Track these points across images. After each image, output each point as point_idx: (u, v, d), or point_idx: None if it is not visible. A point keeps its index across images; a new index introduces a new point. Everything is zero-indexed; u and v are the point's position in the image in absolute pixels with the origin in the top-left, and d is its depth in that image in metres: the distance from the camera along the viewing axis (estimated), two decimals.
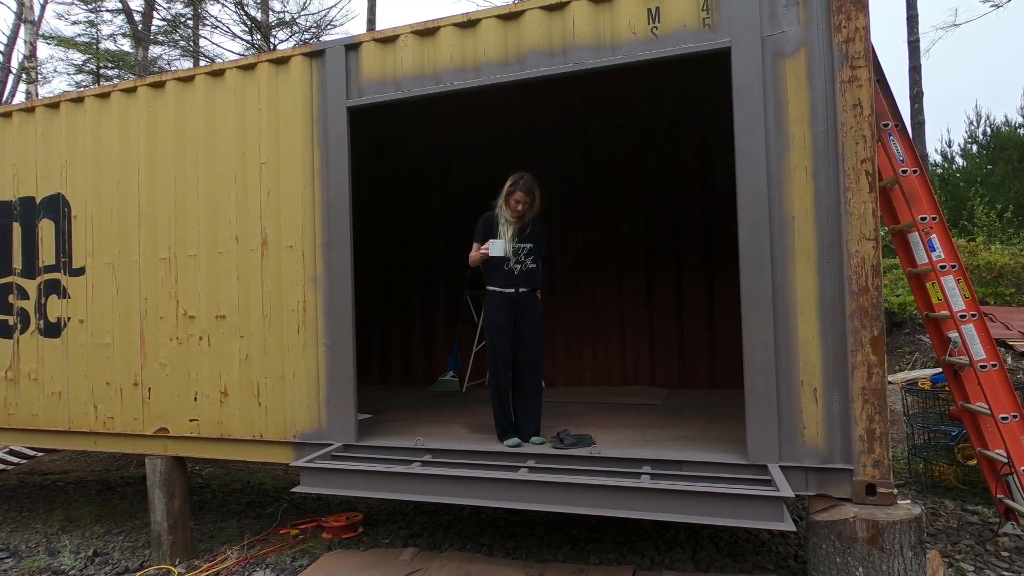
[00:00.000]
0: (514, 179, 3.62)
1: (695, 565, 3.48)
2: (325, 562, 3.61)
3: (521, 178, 3.61)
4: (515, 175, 3.64)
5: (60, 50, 15.32)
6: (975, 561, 3.37)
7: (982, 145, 15.63)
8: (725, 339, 5.50)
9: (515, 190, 3.58)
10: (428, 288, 6.81)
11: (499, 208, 3.65)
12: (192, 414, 4.02)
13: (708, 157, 5.69)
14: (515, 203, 3.60)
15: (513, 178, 3.63)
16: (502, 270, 3.64)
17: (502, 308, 3.63)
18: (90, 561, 4.15)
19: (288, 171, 3.80)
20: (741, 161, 2.97)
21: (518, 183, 3.59)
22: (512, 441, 3.53)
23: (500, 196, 3.65)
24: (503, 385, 3.64)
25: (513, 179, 3.62)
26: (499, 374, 3.65)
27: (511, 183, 3.61)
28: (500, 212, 3.65)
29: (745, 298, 2.97)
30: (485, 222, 3.69)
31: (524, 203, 3.60)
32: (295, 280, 3.78)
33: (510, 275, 3.64)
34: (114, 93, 4.26)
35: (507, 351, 3.61)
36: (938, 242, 3.31)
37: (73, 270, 4.36)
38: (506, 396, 3.63)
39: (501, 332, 3.62)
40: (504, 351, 3.61)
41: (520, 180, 3.60)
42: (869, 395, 2.78)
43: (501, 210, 3.64)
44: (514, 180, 3.61)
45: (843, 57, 2.84)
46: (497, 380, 3.66)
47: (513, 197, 3.59)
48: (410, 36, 3.58)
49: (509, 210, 3.62)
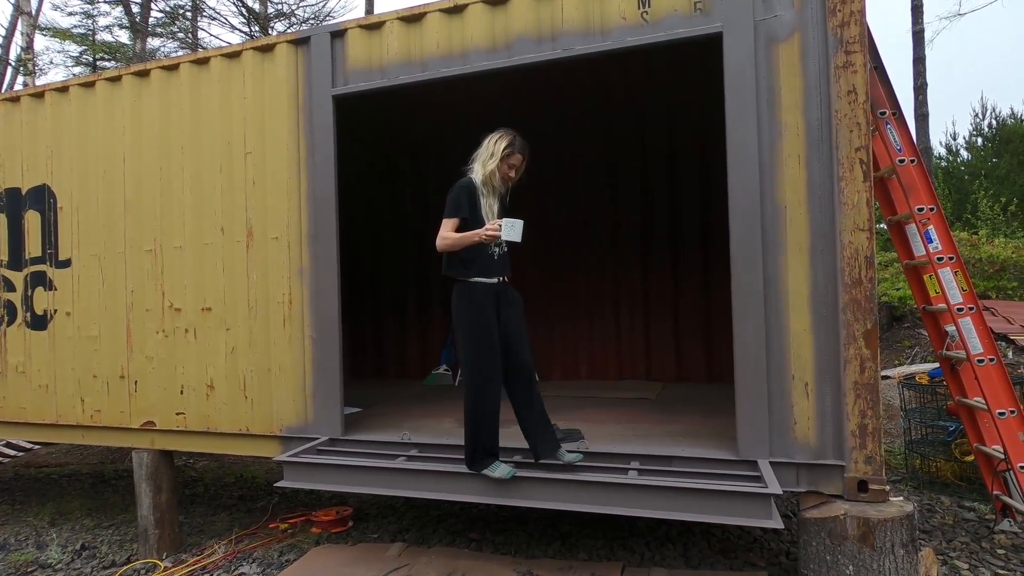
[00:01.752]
0: (509, 138, 2.93)
1: (686, 562, 3.43)
2: (312, 556, 3.58)
3: (515, 136, 2.96)
4: (506, 132, 2.96)
5: (56, 42, 15.26)
6: (970, 559, 3.31)
7: (987, 138, 15.47)
8: (721, 332, 5.43)
9: (512, 151, 2.92)
10: (422, 281, 6.75)
11: (481, 175, 2.95)
12: (179, 407, 3.98)
13: (706, 148, 5.60)
14: (508, 168, 2.95)
15: (507, 136, 2.94)
16: (485, 256, 2.94)
17: (489, 302, 2.91)
18: (77, 555, 4.12)
19: (273, 161, 3.74)
20: (733, 150, 2.90)
21: (515, 143, 2.93)
22: (508, 472, 2.88)
23: (483, 160, 2.95)
24: (496, 402, 2.91)
25: (508, 137, 2.93)
26: (492, 387, 2.90)
27: (507, 143, 2.91)
28: (482, 180, 2.96)
29: (736, 290, 2.90)
30: (468, 193, 2.92)
31: (518, 168, 2.99)
32: (281, 272, 3.72)
33: (491, 261, 2.95)
34: (99, 82, 4.19)
35: (498, 356, 2.90)
36: (935, 234, 3.24)
37: (59, 262, 4.32)
38: (497, 414, 2.93)
39: (490, 332, 2.88)
40: (496, 356, 2.89)
41: (515, 139, 2.95)
42: (862, 390, 2.71)
43: (487, 177, 2.94)
44: (510, 139, 2.93)
45: (838, 42, 2.76)
46: (487, 396, 2.89)
47: (508, 161, 2.93)
48: (396, 22, 3.50)
49: (499, 177, 2.95)
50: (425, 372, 6.38)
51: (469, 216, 2.90)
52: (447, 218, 2.90)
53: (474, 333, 2.90)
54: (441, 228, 2.90)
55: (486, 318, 2.90)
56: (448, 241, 2.88)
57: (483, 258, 2.94)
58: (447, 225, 2.89)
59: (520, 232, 2.78)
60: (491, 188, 2.98)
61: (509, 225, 2.77)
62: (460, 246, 2.88)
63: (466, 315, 2.92)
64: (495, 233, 2.78)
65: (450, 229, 2.89)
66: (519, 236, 2.79)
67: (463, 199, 2.91)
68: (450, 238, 2.88)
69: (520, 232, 2.78)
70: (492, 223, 2.83)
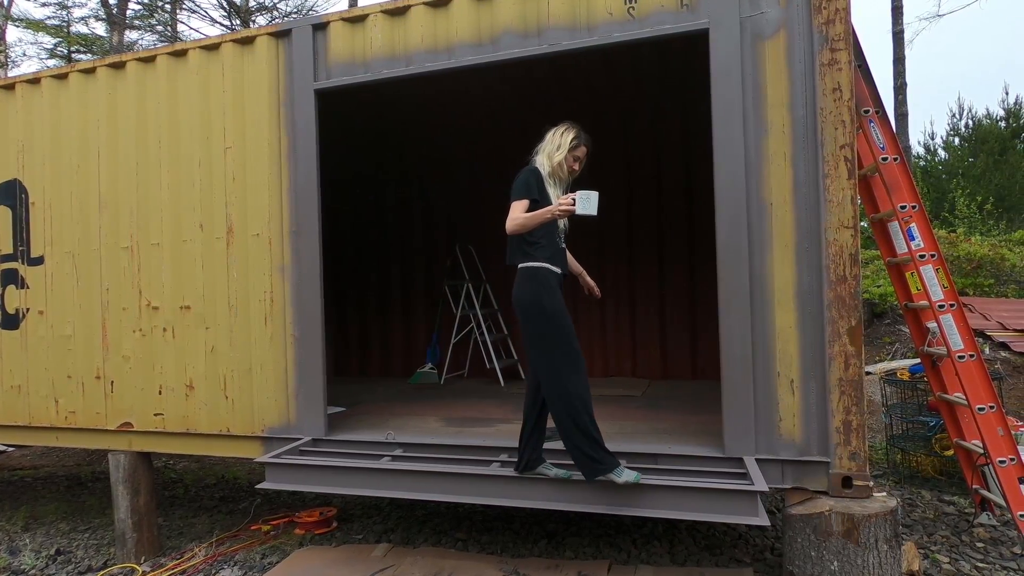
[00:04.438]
0: (575, 130, 2.84)
1: (672, 559, 3.44)
2: (295, 559, 3.52)
3: (580, 129, 2.86)
4: (571, 125, 2.86)
5: (30, 33, 14.88)
6: (951, 552, 3.36)
7: (964, 138, 15.76)
8: (707, 329, 5.45)
9: (579, 143, 2.83)
10: (407, 279, 6.69)
11: (548, 167, 2.83)
12: (157, 408, 3.88)
13: (691, 146, 5.61)
14: (573, 161, 2.85)
15: (573, 129, 2.85)
16: (555, 244, 2.80)
17: (560, 293, 2.76)
18: (52, 560, 4.01)
19: (254, 156, 3.66)
20: (719, 147, 2.89)
21: (581, 136, 2.85)
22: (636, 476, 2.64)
23: (549, 152, 2.84)
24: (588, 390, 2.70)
25: (574, 130, 2.84)
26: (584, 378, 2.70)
27: (573, 135, 2.82)
28: (549, 172, 2.83)
29: (722, 287, 2.90)
30: (537, 177, 2.79)
31: (582, 160, 2.89)
32: (262, 269, 3.65)
33: (560, 252, 2.84)
34: (72, 74, 4.07)
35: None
36: (918, 231, 3.27)
37: (31, 259, 4.19)
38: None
39: (569, 319, 2.73)
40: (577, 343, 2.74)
41: (580, 131, 2.85)
42: (846, 386, 2.73)
43: (555, 169, 2.82)
44: (576, 132, 2.84)
45: (823, 39, 2.76)
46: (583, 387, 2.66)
47: (574, 153, 2.83)
48: (380, 16, 3.45)
49: (565, 169, 2.84)
50: (410, 371, 6.32)
51: (540, 198, 2.74)
52: (517, 200, 2.72)
53: (557, 321, 2.67)
54: (511, 210, 2.72)
55: (563, 303, 2.72)
56: (519, 220, 2.68)
57: (553, 247, 2.79)
58: (517, 207, 2.71)
59: (596, 204, 2.48)
60: (557, 179, 2.86)
61: (584, 198, 2.48)
62: (532, 224, 2.69)
63: (545, 301, 2.68)
64: (569, 208, 2.56)
65: (521, 211, 2.70)
66: (595, 209, 2.48)
67: (532, 182, 2.76)
68: (521, 217, 2.68)
69: (596, 204, 2.48)
70: (564, 197, 2.64)
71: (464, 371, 6.24)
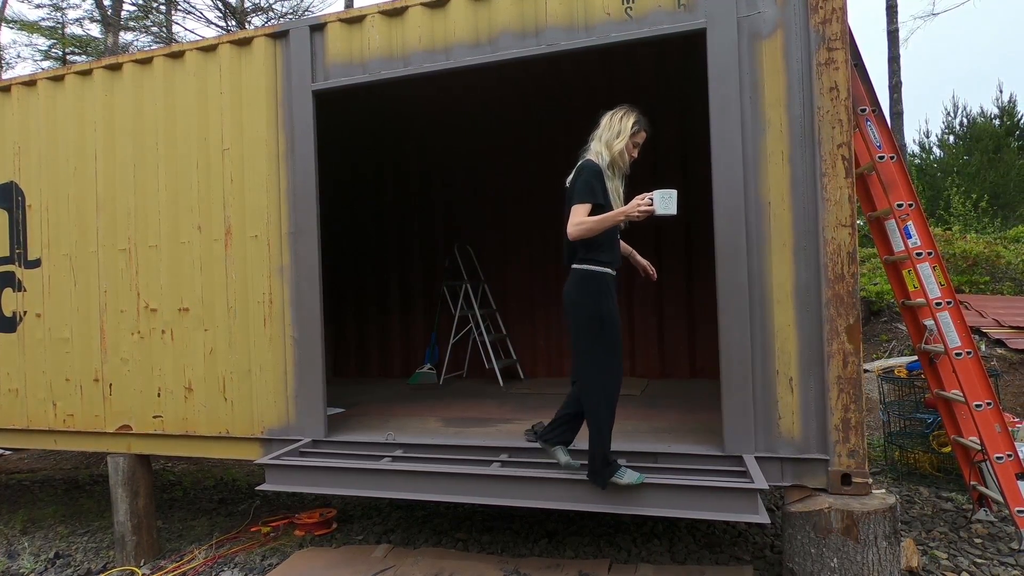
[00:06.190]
0: (635, 115, 2.70)
1: (672, 557, 3.45)
2: (295, 560, 3.52)
3: (640, 113, 2.73)
4: (630, 109, 2.72)
5: (24, 35, 14.81)
6: (949, 548, 3.38)
7: (959, 136, 15.84)
8: (705, 328, 5.46)
9: (639, 128, 2.70)
10: (405, 280, 6.69)
11: (608, 156, 2.69)
12: (156, 410, 3.87)
13: (689, 146, 5.62)
14: (632, 147, 2.72)
15: (632, 113, 2.70)
16: (614, 244, 2.72)
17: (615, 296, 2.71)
18: (51, 563, 4.00)
19: (252, 157, 3.66)
20: (717, 146, 2.90)
21: (641, 120, 2.71)
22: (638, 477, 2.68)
23: (608, 140, 2.69)
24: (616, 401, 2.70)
25: (633, 115, 2.70)
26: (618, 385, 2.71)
27: (633, 120, 2.69)
28: (609, 162, 2.69)
29: (721, 286, 2.91)
30: (598, 177, 2.65)
31: (639, 146, 2.77)
32: (261, 271, 3.65)
33: (617, 250, 2.77)
34: (69, 76, 4.06)
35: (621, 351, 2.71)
36: (914, 229, 3.28)
37: (28, 262, 4.18)
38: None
39: (619, 327, 2.67)
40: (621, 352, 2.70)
41: (641, 115, 2.72)
42: (845, 384, 2.74)
43: (615, 158, 2.69)
44: (636, 116, 2.70)
45: (820, 38, 2.78)
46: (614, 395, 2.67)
47: (634, 139, 2.70)
48: (377, 16, 3.44)
49: (627, 157, 2.72)
50: (409, 371, 6.32)
51: (602, 198, 2.63)
52: (580, 203, 2.60)
53: (606, 327, 2.61)
54: (573, 215, 2.59)
55: (616, 311, 2.66)
56: (585, 225, 2.56)
57: (612, 246, 2.71)
58: (581, 211, 2.58)
59: (675, 204, 2.38)
60: (616, 169, 2.72)
61: (664, 196, 2.37)
62: (600, 229, 2.58)
63: (603, 307, 2.62)
64: (648, 209, 2.45)
65: (584, 215, 2.58)
66: (675, 208, 2.39)
67: (596, 185, 2.62)
68: (587, 222, 2.55)
69: (675, 204, 2.38)
70: (641, 197, 2.50)
71: (463, 371, 6.24)
